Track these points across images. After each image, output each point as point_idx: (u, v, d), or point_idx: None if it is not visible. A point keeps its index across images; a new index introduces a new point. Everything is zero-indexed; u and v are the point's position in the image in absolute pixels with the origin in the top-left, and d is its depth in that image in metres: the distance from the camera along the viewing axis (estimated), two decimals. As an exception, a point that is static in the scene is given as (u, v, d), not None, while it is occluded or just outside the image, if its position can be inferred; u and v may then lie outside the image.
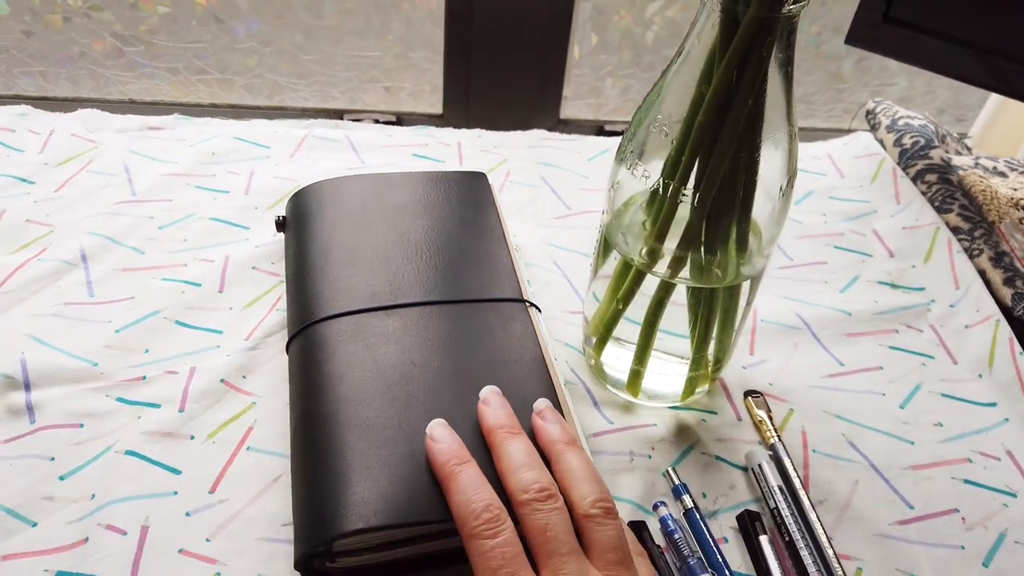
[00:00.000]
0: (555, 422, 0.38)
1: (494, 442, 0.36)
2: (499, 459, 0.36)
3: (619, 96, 1.06)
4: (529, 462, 0.35)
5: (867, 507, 0.42)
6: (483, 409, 0.38)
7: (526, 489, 0.34)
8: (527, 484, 0.34)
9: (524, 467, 0.35)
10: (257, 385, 0.45)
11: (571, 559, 0.32)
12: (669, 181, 0.37)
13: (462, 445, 0.36)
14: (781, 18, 0.33)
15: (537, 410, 0.39)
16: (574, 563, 0.32)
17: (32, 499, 0.39)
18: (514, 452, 0.36)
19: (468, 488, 0.34)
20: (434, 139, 0.66)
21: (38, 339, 0.47)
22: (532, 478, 0.34)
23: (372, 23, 0.97)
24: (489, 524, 0.33)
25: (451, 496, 0.34)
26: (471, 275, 0.46)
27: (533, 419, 0.38)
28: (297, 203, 0.52)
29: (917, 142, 0.66)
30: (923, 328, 0.53)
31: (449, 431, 0.37)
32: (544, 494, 0.34)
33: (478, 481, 0.34)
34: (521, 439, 0.36)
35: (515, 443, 0.36)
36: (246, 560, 0.38)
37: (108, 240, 0.54)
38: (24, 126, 0.63)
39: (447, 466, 0.35)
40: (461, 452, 0.36)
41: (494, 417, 0.37)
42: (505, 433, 0.36)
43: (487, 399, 0.38)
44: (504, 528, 0.33)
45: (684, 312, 0.42)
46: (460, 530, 0.33)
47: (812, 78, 1.04)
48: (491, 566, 0.32)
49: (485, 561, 0.32)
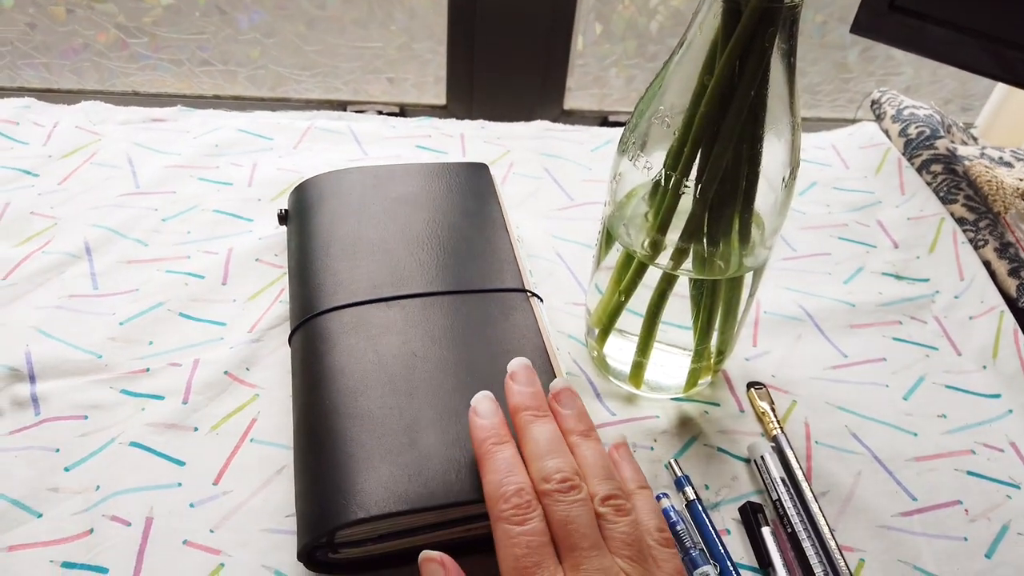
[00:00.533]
0: (571, 408, 0.37)
1: (519, 424, 0.36)
2: (523, 443, 0.35)
3: (623, 86, 1.05)
4: (552, 449, 0.34)
5: (870, 499, 0.42)
6: (510, 386, 0.37)
7: (548, 479, 0.33)
8: (549, 473, 0.33)
9: (547, 454, 0.34)
10: (260, 377, 0.45)
11: (592, 553, 0.32)
12: (671, 172, 0.37)
13: (503, 423, 0.35)
14: (783, 8, 0.33)
15: (554, 392, 0.38)
16: (595, 558, 0.31)
17: (37, 490, 0.40)
18: (538, 437, 0.35)
19: (502, 469, 0.33)
20: (437, 130, 0.66)
21: (43, 331, 0.47)
22: (555, 467, 0.33)
23: (375, 14, 0.97)
24: (518, 510, 0.32)
25: (484, 475, 0.34)
26: (473, 266, 0.46)
27: (550, 402, 0.37)
28: (299, 196, 0.52)
29: (922, 132, 0.66)
30: (927, 319, 0.53)
31: (494, 406, 0.36)
32: (567, 485, 0.33)
33: (513, 463, 0.34)
34: (547, 423, 0.36)
35: (540, 427, 0.35)
36: (250, 551, 0.38)
37: (112, 232, 0.54)
38: (28, 118, 0.63)
39: (485, 444, 0.34)
40: (501, 431, 0.35)
41: (520, 397, 0.36)
42: (531, 416, 0.36)
43: (515, 374, 0.37)
44: (533, 516, 0.32)
45: (687, 304, 0.42)
46: (489, 511, 0.33)
47: (817, 68, 1.04)
48: (515, 553, 0.31)
49: (510, 547, 0.31)
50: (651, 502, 0.36)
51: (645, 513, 0.35)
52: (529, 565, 0.31)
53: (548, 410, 0.37)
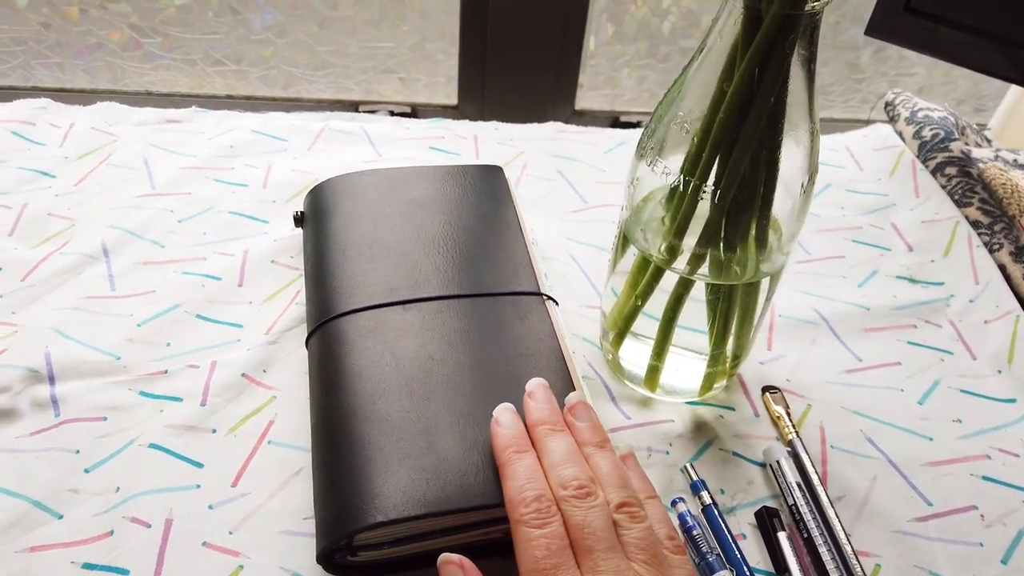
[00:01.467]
0: (586, 420, 0.38)
1: (536, 437, 0.37)
2: (541, 454, 0.36)
3: (635, 87, 1.05)
4: (569, 458, 0.35)
5: (885, 504, 0.42)
6: (528, 403, 0.38)
7: (565, 485, 0.34)
8: (566, 480, 0.34)
9: (564, 463, 0.35)
10: (277, 379, 0.46)
11: (609, 555, 0.32)
12: (689, 178, 0.37)
13: (524, 434, 0.37)
14: (804, 15, 0.33)
15: (568, 406, 0.39)
16: (612, 560, 0.32)
17: (58, 491, 0.40)
18: (555, 448, 0.36)
19: (522, 475, 0.34)
20: (450, 132, 0.66)
21: (61, 332, 0.47)
22: (572, 475, 0.34)
23: (387, 14, 0.97)
24: (539, 513, 0.33)
25: (505, 482, 0.35)
26: (488, 269, 0.46)
27: (565, 416, 0.38)
28: (314, 198, 0.52)
29: (937, 135, 0.66)
30: (942, 323, 0.53)
31: (515, 417, 0.37)
32: (583, 491, 0.34)
33: (533, 470, 0.35)
34: (563, 436, 0.37)
35: (556, 440, 0.36)
36: (268, 553, 0.38)
37: (129, 234, 0.54)
38: (44, 119, 0.64)
39: (506, 452, 0.35)
40: (521, 441, 0.36)
41: (538, 412, 0.38)
42: (548, 429, 0.37)
43: (533, 393, 0.39)
44: (552, 520, 0.33)
45: (703, 308, 0.42)
46: (509, 515, 0.34)
47: (830, 68, 1.03)
48: (535, 555, 0.32)
49: (530, 549, 0.32)
50: (661, 511, 0.37)
51: (656, 522, 0.35)
52: (549, 567, 0.32)
53: (564, 425, 0.38)
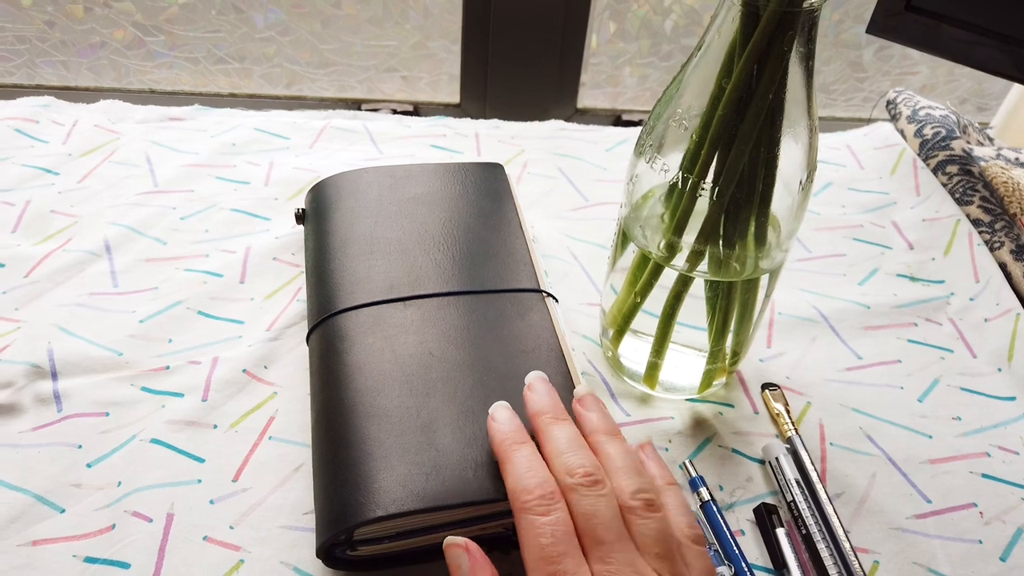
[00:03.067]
0: (596, 410, 0.37)
1: (539, 427, 0.36)
2: (544, 444, 0.35)
3: (637, 85, 1.05)
4: (574, 446, 0.35)
5: (884, 501, 0.42)
6: (528, 395, 0.38)
7: (571, 473, 0.33)
8: (572, 468, 0.33)
9: (569, 451, 0.34)
10: (278, 375, 0.46)
11: (619, 547, 0.31)
12: (688, 175, 0.37)
13: (521, 427, 0.36)
14: (802, 12, 0.33)
15: (578, 397, 0.38)
16: (622, 551, 0.31)
17: (60, 486, 0.40)
18: (559, 436, 0.35)
19: (523, 465, 0.34)
20: (452, 130, 0.66)
21: (64, 329, 0.47)
22: (578, 462, 0.34)
23: (390, 12, 0.97)
24: (543, 500, 0.32)
25: (506, 472, 0.34)
26: (488, 266, 0.46)
27: (574, 406, 0.38)
28: (316, 195, 0.52)
29: (938, 133, 0.66)
30: (942, 321, 0.53)
31: (510, 412, 0.37)
32: (591, 479, 0.33)
33: (534, 460, 0.34)
34: (566, 424, 0.36)
35: (560, 428, 0.36)
36: (269, 547, 0.38)
37: (131, 231, 0.54)
38: (47, 117, 0.64)
39: (504, 444, 0.35)
40: (519, 433, 0.35)
41: (539, 403, 0.37)
42: (550, 418, 0.36)
43: (533, 385, 0.38)
44: (557, 507, 0.32)
45: (702, 305, 0.42)
46: (512, 504, 0.33)
47: (832, 67, 1.03)
48: (540, 542, 0.31)
49: (535, 536, 0.31)
50: (681, 498, 0.36)
51: (675, 510, 0.35)
52: (554, 554, 0.31)
53: (566, 415, 0.37)
